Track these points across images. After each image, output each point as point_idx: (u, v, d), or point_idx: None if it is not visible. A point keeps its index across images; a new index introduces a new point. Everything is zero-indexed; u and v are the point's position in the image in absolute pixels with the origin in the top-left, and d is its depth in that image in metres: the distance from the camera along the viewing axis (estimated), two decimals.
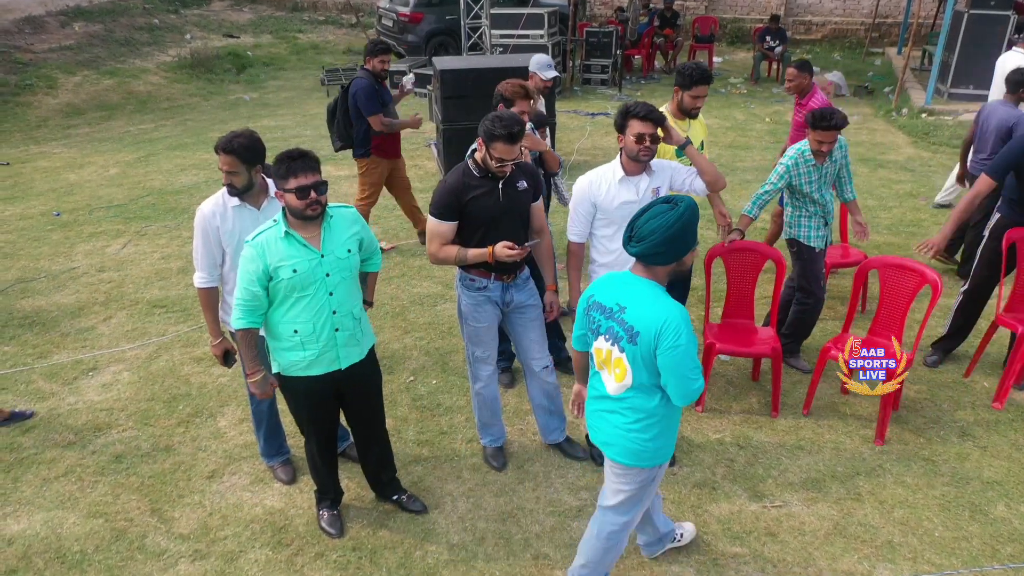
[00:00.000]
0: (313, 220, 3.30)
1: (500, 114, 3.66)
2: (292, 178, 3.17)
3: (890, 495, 4.09)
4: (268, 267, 3.26)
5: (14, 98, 12.68)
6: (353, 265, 3.48)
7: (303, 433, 3.79)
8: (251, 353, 3.45)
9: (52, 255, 7.16)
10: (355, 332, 3.55)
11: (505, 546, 3.78)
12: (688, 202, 2.77)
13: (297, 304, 3.36)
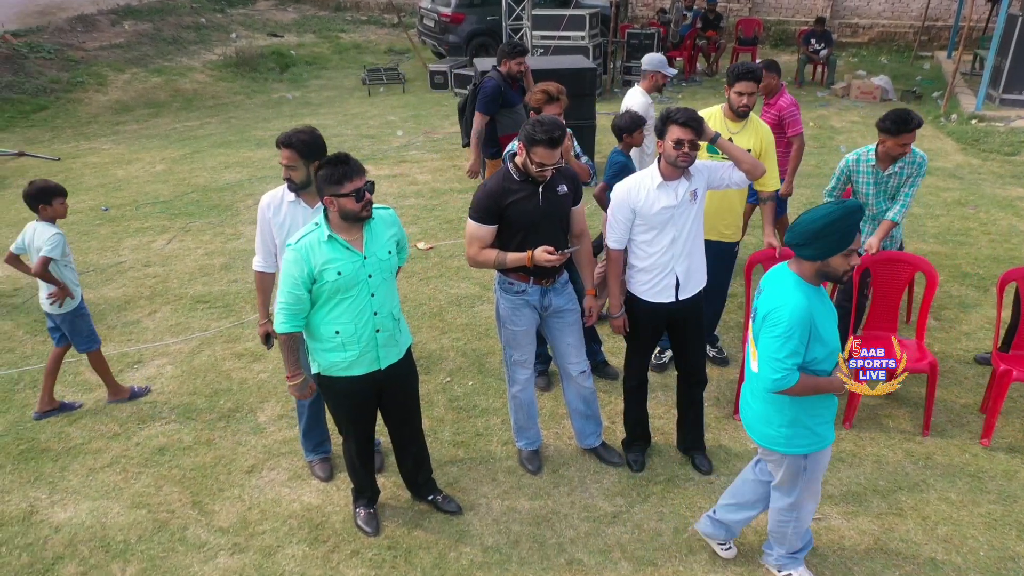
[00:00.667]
0: (362, 222, 3.36)
1: (541, 118, 3.66)
2: (348, 182, 3.22)
3: (933, 511, 4.01)
4: (312, 270, 3.31)
5: (66, 95, 13.00)
6: (393, 266, 3.52)
7: (341, 432, 3.84)
8: (292, 357, 3.50)
9: (100, 249, 7.33)
10: (394, 332, 3.59)
11: (539, 550, 3.78)
12: (848, 203, 2.90)
13: (340, 305, 3.40)
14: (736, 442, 4.55)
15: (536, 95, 4.54)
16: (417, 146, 10.61)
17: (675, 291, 3.91)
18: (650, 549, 3.78)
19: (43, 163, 10.10)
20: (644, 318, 4.02)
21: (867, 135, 10.97)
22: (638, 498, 4.12)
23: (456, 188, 8.84)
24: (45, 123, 12.09)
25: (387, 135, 11.25)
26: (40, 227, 4.67)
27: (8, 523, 3.97)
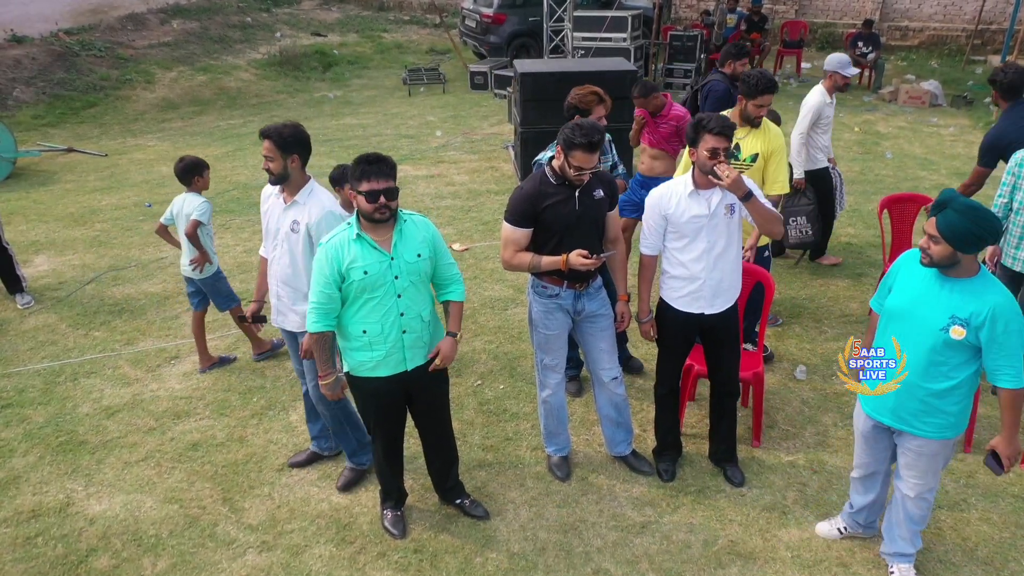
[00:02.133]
0: (382, 223, 3.37)
1: (580, 122, 3.63)
2: (365, 181, 3.26)
3: (974, 532, 3.89)
4: (341, 268, 3.35)
5: (115, 92, 13.29)
6: (422, 270, 3.51)
7: (369, 433, 3.84)
8: (325, 355, 3.53)
9: (143, 245, 7.47)
10: (423, 335, 3.58)
11: (566, 558, 3.75)
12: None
13: (366, 305, 3.43)
14: (769, 454, 4.46)
15: (587, 96, 4.51)
16: (455, 147, 10.63)
17: (706, 302, 3.85)
18: (678, 561, 3.72)
19: (90, 158, 10.33)
20: (674, 326, 3.96)
21: (914, 141, 10.72)
22: (667, 508, 4.06)
23: (493, 190, 8.83)
24: (94, 119, 12.38)
25: (426, 135, 11.29)
26: (189, 197, 5.25)
27: (45, 514, 4.05)
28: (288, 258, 3.90)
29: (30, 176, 9.65)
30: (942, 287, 3.09)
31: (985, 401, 4.86)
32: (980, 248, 2.99)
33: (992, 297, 2.98)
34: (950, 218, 2.93)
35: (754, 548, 3.80)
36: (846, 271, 6.72)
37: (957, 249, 2.96)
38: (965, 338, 3.03)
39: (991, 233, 2.95)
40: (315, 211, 3.78)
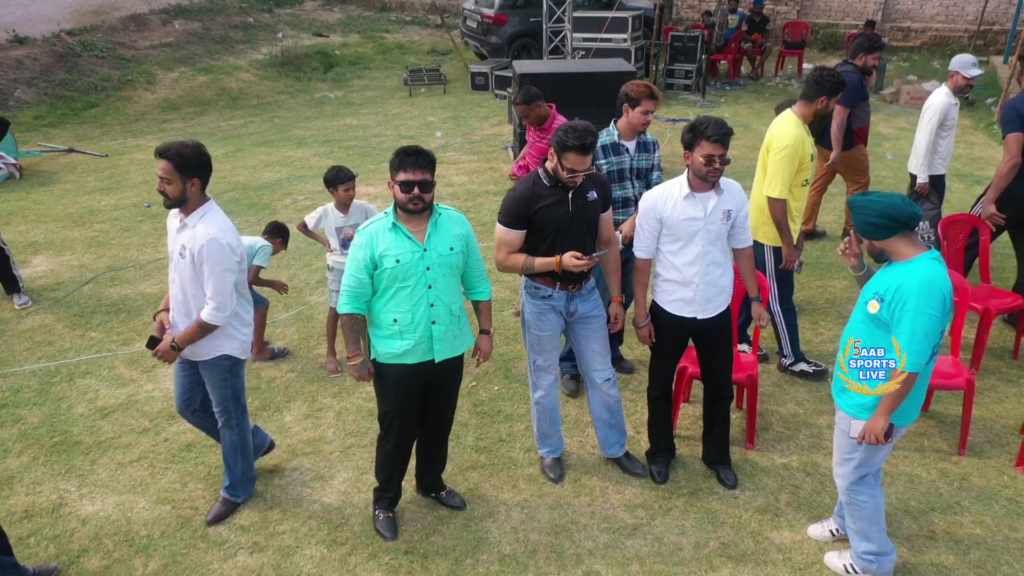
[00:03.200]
0: (416, 214, 3.44)
1: (574, 124, 3.64)
2: (402, 171, 3.36)
3: (967, 535, 3.87)
4: (375, 255, 3.44)
5: (116, 92, 13.32)
6: (454, 263, 3.57)
7: (383, 426, 3.81)
8: (353, 337, 3.61)
9: (140, 245, 7.48)
10: (452, 328, 3.63)
11: (557, 560, 3.75)
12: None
13: (398, 294, 3.50)
14: (763, 456, 4.45)
15: (641, 88, 4.53)
16: (455, 147, 10.64)
17: (699, 307, 3.84)
18: (669, 563, 3.72)
19: (91, 159, 10.36)
20: (667, 329, 3.96)
21: None
22: (659, 511, 4.06)
23: (491, 191, 8.83)
24: (95, 120, 12.41)
25: (426, 136, 11.29)
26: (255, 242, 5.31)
27: (38, 514, 4.06)
28: (178, 283, 3.67)
29: (30, 176, 9.67)
30: (882, 269, 3.27)
31: (980, 403, 4.85)
32: (888, 233, 3.12)
33: (904, 275, 3.10)
34: (855, 218, 3.19)
35: (745, 550, 3.79)
36: (844, 272, 6.70)
37: (871, 239, 3.18)
38: (879, 312, 3.15)
39: (876, 215, 3.10)
40: (200, 237, 3.51)
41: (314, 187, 9.06)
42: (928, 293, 3.06)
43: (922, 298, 3.05)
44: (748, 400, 4.47)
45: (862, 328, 3.28)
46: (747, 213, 3.88)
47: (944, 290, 3.09)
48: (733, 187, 3.84)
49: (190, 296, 3.66)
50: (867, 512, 3.46)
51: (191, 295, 3.65)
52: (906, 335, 3.10)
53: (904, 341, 3.11)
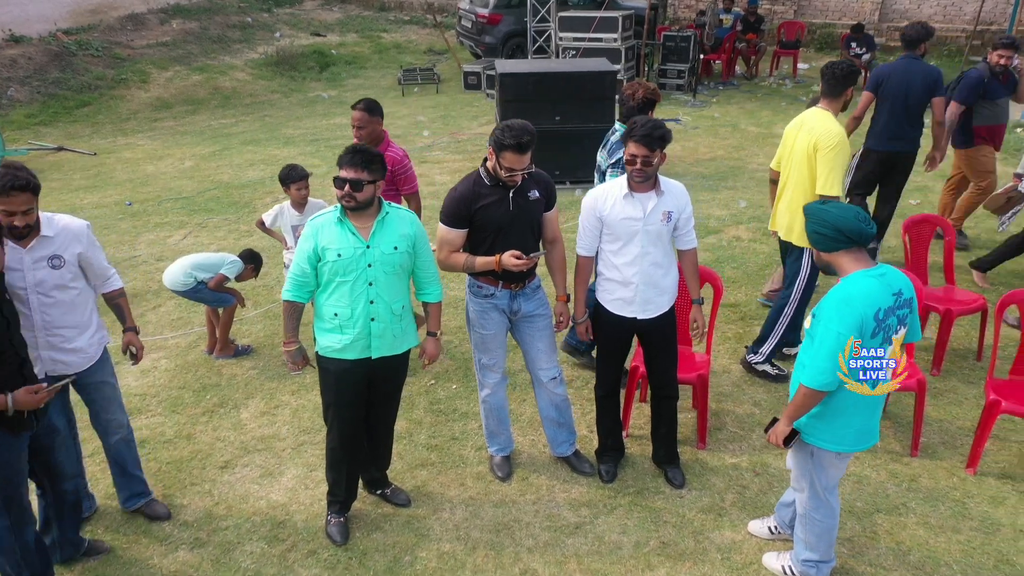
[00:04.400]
0: (352, 211, 3.49)
1: (511, 123, 3.65)
2: (340, 168, 3.43)
3: (909, 536, 3.86)
4: (318, 247, 3.49)
5: (109, 91, 13.40)
6: (397, 263, 3.59)
7: (327, 422, 3.82)
8: (290, 324, 3.67)
9: (118, 243, 7.53)
10: (392, 326, 3.64)
11: (495, 558, 3.76)
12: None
13: (339, 288, 3.54)
14: (714, 456, 4.45)
15: (657, 90, 4.59)
16: (442, 147, 10.65)
17: (639, 307, 3.84)
18: (607, 562, 3.72)
19: (79, 157, 10.43)
20: (608, 328, 3.97)
21: None
22: (604, 509, 4.06)
23: None
24: (87, 119, 12.49)
25: (414, 135, 11.31)
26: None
27: None
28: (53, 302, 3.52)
29: None
30: None
31: (938, 405, 4.83)
32: (834, 245, 3.07)
33: (832, 292, 3.08)
34: (806, 225, 3.14)
35: (685, 550, 3.79)
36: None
37: (820, 250, 3.12)
38: (809, 327, 3.16)
39: (825, 227, 3.05)
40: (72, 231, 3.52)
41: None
42: (841, 311, 3.01)
43: (834, 315, 3.02)
44: (699, 400, 4.46)
45: (805, 342, 3.24)
46: (690, 215, 3.87)
47: (865, 309, 3.00)
48: (676, 188, 3.84)
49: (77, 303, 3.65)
50: (820, 529, 3.44)
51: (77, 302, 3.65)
52: (812, 350, 3.09)
53: (810, 355, 3.09)
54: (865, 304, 3.00)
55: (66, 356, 3.59)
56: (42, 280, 3.43)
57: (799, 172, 4.80)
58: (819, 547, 3.46)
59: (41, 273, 3.42)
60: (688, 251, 3.95)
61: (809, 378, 3.08)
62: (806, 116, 4.88)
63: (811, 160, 4.69)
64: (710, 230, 7.64)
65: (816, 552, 3.47)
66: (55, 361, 3.56)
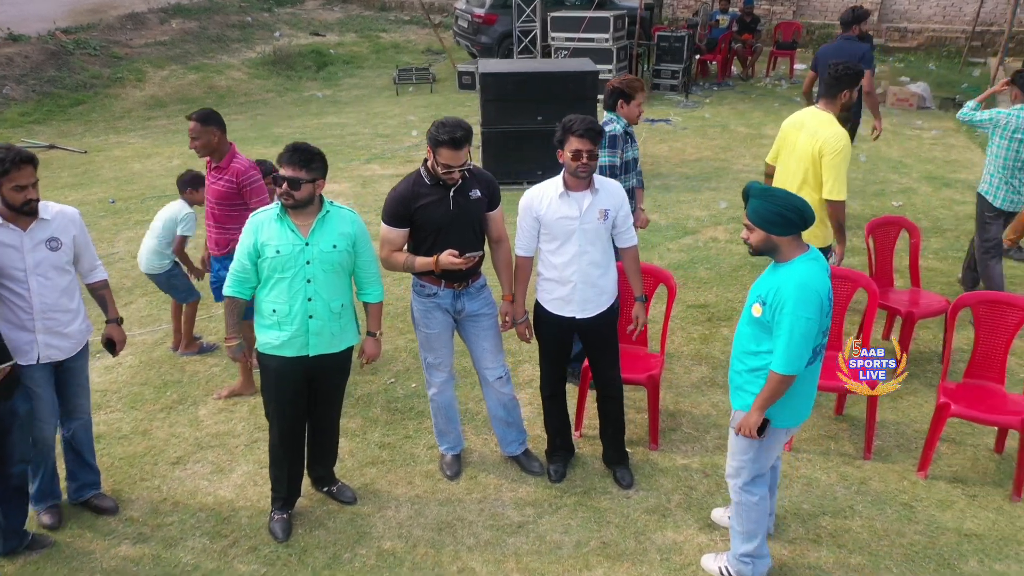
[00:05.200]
0: (295, 209, 3.51)
1: (445, 119, 3.67)
2: (280, 166, 3.44)
3: (852, 539, 3.84)
4: (258, 243, 3.52)
5: (104, 90, 13.50)
6: (336, 261, 3.61)
7: (267, 416, 3.86)
8: (231, 320, 3.71)
9: (97, 240, 7.57)
10: (330, 324, 3.66)
11: (434, 556, 3.77)
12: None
13: (277, 285, 3.57)
14: (665, 457, 4.44)
15: (633, 82, 4.64)
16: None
17: (577, 306, 3.84)
18: (546, 562, 3.72)
19: (69, 155, 10.52)
20: (547, 328, 3.97)
21: (893, 144, 10.57)
22: (548, 509, 4.06)
23: None
24: (81, 117, 12.58)
25: (403, 135, 11.34)
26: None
27: None
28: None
29: None
30: (766, 271, 3.25)
31: (898, 408, 4.81)
32: (791, 229, 3.09)
33: (783, 278, 3.10)
34: (755, 205, 3.11)
35: (625, 550, 3.78)
36: None
37: (769, 232, 3.10)
38: (762, 316, 3.15)
39: (792, 210, 3.07)
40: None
41: None
42: (804, 296, 3.06)
43: (798, 301, 3.06)
44: (650, 401, 4.45)
45: (748, 332, 3.28)
46: (628, 212, 3.87)
47: (820, 291, 3.09)
48: (611, 186, 3.84)
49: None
50: (756, 514, 3.45)
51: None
52: (784, 338, 3.10)
53: (782, 344, 3.11)
54: (819, 286, 3.10)
55: (60, 341, 3.71)
56: (41, 262, 3.57)
57: (805, 172, 4.68)
58: (757, 533, 3.48)
59: (40, 255, 3.56)
60: (628, 249, 3.95)
61: (784, 366, 3.11)
62: (806, 116, 4.79)
63: (816, 165, 4.61)
64: (688, 231, 7.63)
65: (753, 541, 3.49)
66: (50, 346, 3.68)
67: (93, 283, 3.95)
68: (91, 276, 3.93)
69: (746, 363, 3.29)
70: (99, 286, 3.97)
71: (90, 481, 4.09)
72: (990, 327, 4.30)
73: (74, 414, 3.96)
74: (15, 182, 3.40)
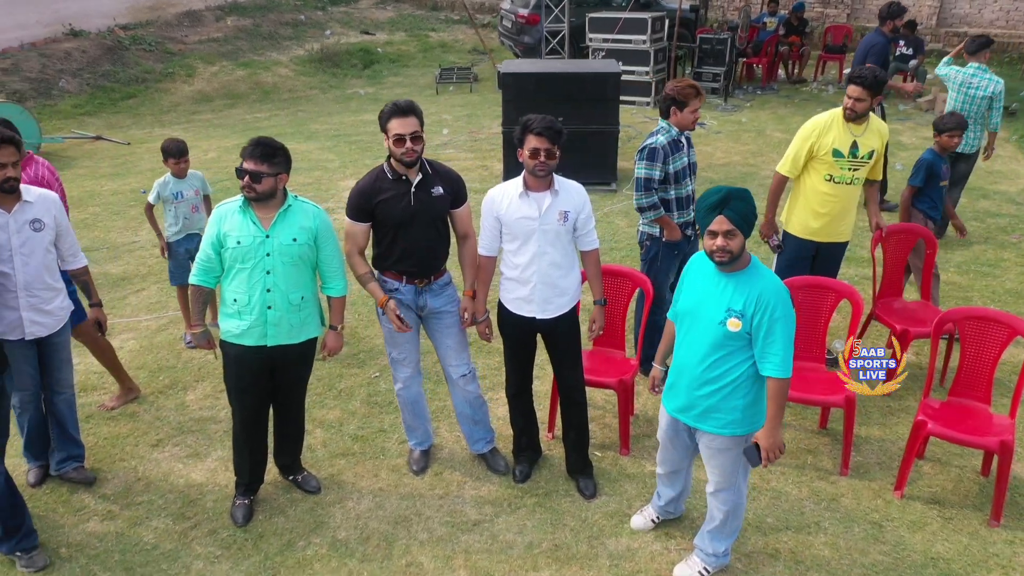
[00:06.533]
0: (257, 201, 3.60)
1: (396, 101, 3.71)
2: (243, 160, 3.54)
3: (811, 556, 3.74)
4: (221, 234, 3.62)
5: (156, 84, 13.97)
6: (296, 254, 3.69)
7: (230, 403, 3.97)
8: (196, 307, 3.85)
9: (123, 229, 7.87)
10: (288, 316, 3.74)
11: (385, 549, 3.80)
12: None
13: (238, 275, 3.67)
14: (634, 463, 4.39)
15: (685, 88, 4.57)
16: (456, 145, 10.75)
17: (537, 307, 3.83)
18: (494, 561, 3.72)
19: (113, 147, 10.92)
20: (509, 328, 3.97)
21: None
22: (507, 509, 4.06)
23: (475, 188, 8.88)
24: (130, 110, 13.05)
25: (433, 132, 11.43)
26: None
27: None
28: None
29: (53, 161, 10.18)
30: (719, 282, 3.16)
31: (886, 424, 4.66)
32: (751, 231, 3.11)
33: (759, 284, 3.08)
34: (738, 208, 3.03)
35: (576, 553, 3.76)
36: None
37: (746, 235, 3.07)
38: (742, 329, 3.08)
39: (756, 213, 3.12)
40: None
41: (306, 179, 9.31)
42: (785, 296, 3.11)
43: (785, 302, 3.09)
44: (620, 406, 4.41)
45: (718, 354, 3.18)
46: (590, 215, 3.84)
47: None
48: (573, 188, 3.82)
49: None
50: (741, 512, 3.50)
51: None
52: (781, 342, 3.07)
53: (780, 348, 3.07)
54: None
55: (43, 318, 3.90)
56: (26, 241, 3.76)
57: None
58: (736, 527, 3.53)
59: (25, 235, 3.76)
60: (590, 252, 3.92)
61: (786, 369, 3.09)
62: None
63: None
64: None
65: (733, 535, 3.55)
66: (33, 323, 3.87)
67: (75, 269, 4.11)
68: (73, 263, 4.09)
69: (717, 383, 3.20)
70: (80, 272, 4.14)
71: (74, 454, 4.27)
72: (976, 344, 4.13)
73: (57, 388, 4.13)
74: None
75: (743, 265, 3.14)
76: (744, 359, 3.15)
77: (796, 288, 4.48)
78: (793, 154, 4.83)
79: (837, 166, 4.71)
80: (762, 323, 3.05)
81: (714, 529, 3.50)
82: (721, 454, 3.32)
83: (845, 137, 4.67)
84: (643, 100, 12.71)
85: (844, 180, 4.74)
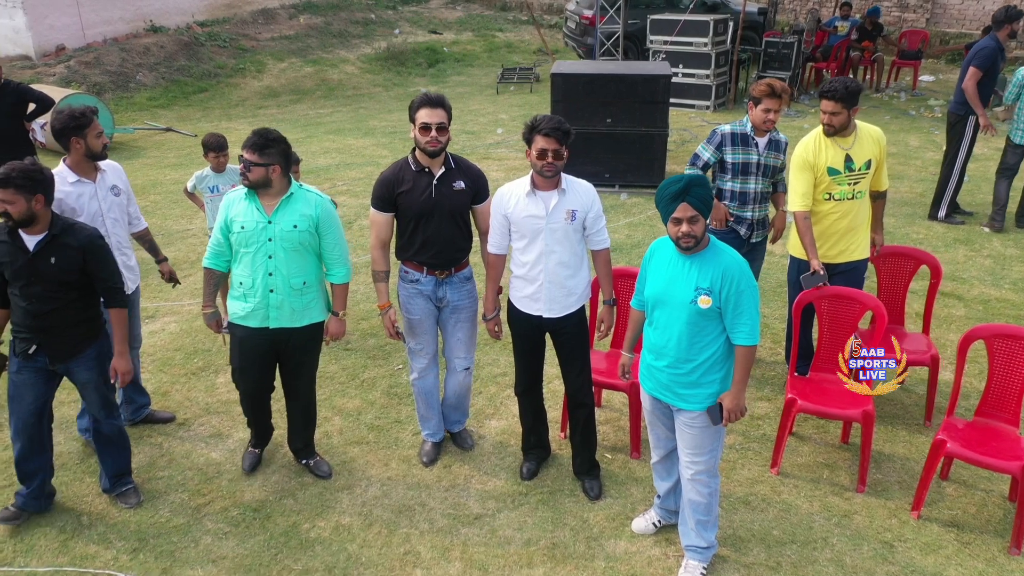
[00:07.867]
0: (258, 189, 3.78)
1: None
2: (242, 149, 3.73)
3: (815, 572, 3.65)
4: (228, 219, 3.84)
5: (227, 79, 14.47)
6: (297, 240, 3.84)
7: (233, 382, 4.22)
8: (208, 289, 4.07)
9: (179, 216, 8.20)
10: (290, 300, 3.90)
11: (385, 536, 3.88)
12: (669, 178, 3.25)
13: (243, 259, 3.87)
14: (644, 466, 4.35)
15: (760, 86, 4.63)
16: (509, 144, 10.81)
17: (544, 305, 3.84)
18: (490, 555, 3.76)
19: (181, 138, 11.37)
20: (517, 326, 3.99)
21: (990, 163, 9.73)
22: (510, 504, 4.09)
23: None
24: (201, 104, 13.55)
25: (488, 132, 11.54)
26: None
27: None
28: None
29: (123, 151, 10.72)
30: (683, 264, 3.28)
31: (913, 442, 4.51)
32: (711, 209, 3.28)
33: (723, 261, 3.22)
34: (699, 194, 3.14)
35: (572, 553, 3.76)
36: None
37: (706, 217, 3.20)
38: (712, 305, 3.18)
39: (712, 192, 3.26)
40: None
41: (358, 174, 9.52)
42: (747, 268, 3.26)
43: (747, 274, 3.23)
44: (631, 408, 4.38)
45: (692, 331, 3.28)
46: (598, 213, 3.83)
47: None
48: (581, 187, 3.82)
49: None
50: (716, 498, 3.53)
51: None
52: (748, 311, 3.22)
53: (748, 317, 3.21)
54: None
55: (130, 273, 4.36)
56: (112, 206, 4.27)
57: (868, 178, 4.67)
58: (718, 514, 3.61)
59: (110, 200, 4.26)
60: (600, 251, 3.91)
61: (755, 336, 3.24)
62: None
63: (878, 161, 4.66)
64: None
65: (716, 522, 3.60)
66: (126, 278, 4.19)
67: (139, 232, 4.59)
68: (138, 224, 4.58)
69: (695, 360, 3.31)
70: (144, 233, 4.65)
71: (143, 402, 4.72)
72: (1006, 362, 3.95)
73: (134, 343, 4.48)
74: (97, 130, 4.10)
75: (704, 246, 3.25)
76: (717, 334, 3.28)
77: (823, 299, 4.38)
78: (802, 190, 4.54)
79: (835, 183, 4.51)
80: (730, 296, 3.19)
81: (700, 519, 3.50)
82: (700, 432, 3.37)
83: (836, 153, 4.47)
84: (703, 104, 12.53)
85: (846, 196, 4.54)
